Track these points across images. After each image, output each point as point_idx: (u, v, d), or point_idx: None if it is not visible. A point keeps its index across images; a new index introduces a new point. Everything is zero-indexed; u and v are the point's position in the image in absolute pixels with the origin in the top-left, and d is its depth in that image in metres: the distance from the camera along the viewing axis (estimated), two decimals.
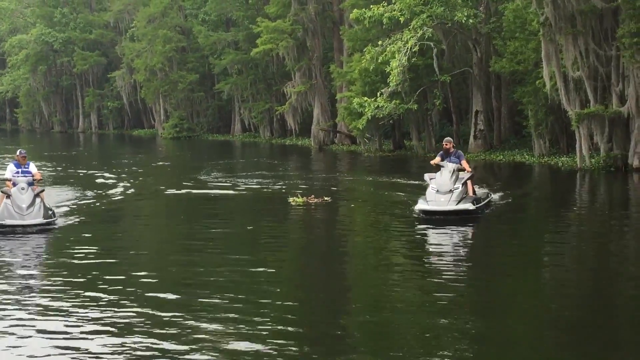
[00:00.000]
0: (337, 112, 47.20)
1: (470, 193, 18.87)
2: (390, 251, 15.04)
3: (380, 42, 36.07)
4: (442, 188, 18.34)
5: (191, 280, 12.25)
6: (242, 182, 27.26)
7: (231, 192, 24.57)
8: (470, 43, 37.59)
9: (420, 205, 18.26)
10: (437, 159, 19.52)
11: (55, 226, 17.84)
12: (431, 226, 17.27)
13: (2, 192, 18.23)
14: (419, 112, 37.62)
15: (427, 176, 19.63)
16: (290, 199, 20.80)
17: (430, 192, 18.48)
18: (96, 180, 28.65)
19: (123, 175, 30.53)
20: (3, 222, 17.34)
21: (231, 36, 58.38)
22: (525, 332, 9.56)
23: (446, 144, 19.64)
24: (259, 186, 26.03)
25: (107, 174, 30.94)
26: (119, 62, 73.78)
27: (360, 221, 19.33)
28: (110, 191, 25.02)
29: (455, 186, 18.41)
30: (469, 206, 17.99)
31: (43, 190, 18.71)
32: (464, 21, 34.02)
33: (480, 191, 20.13)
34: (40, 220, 17.44)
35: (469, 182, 18.93)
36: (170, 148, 53.32)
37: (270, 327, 9.61)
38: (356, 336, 9.62)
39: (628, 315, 10.29)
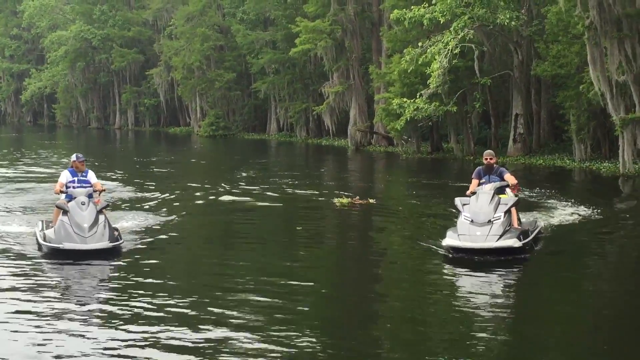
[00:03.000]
0: (374, 113, 47.14)
1: (515, 223, 14.74)
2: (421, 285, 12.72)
3: (420, 44, 35.90)
4: (478, 218, 14.27)
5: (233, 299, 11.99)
6: (283, 181, 27.22)
7: (273, 192, 24.37)
8: (511, 45, 37.28)
9: (449, 239, 14.14)
10: (474, 184, 15.34)
11: (122, 249, 14.61)
12: (465, 268, 13.40)
13: (57, 206, 14.92)
14: (458, 115, 37.39)
15: (458, 201, 15.03)
16: (335, 200, 20.73)
17: (462, 222, 14.37)
18: (145, 184, 26.92)
19: (172, 178, 30.06)
20: (60, 246, 13.98)
21: (269, 35, 58.54)
22: None
23: (488, 158, 15.59)
24: (301, 186, 25.95)
25: (153, 175, 30.64)
26: (156, 60, 74.30)
27: (399, 236, 17.18)
28: (164, 197, 22.65)
29: (495, 215, 14.26)
30: (514, 242, 13.84)
31: (108, 206, 15.54)
32: (505, 23, 33.71)
33: (527, 220, 16.28)
34: (105, 244, 14.09)
35: (513, 209, 14.82)
36: (208, 147, 53.50)
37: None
38: None
39: None
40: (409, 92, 37.16)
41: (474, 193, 14.91)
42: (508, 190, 15.25)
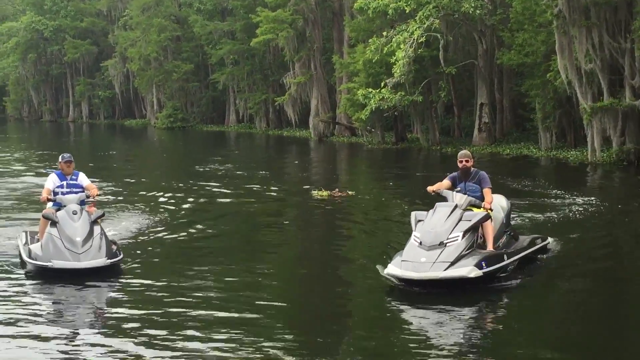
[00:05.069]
0: (337, 103, 46.86)
1: (490, 245, 11.37)
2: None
3: (385, 33, 35.69)
4: (429, 239, 11.03)
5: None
6: (255, 174, 26.65)
7: (248, 186, 23.57)
8: (475, 35, 37.25)
9: (391, 266, 10.92)
10: (444, 184, 12.17)
11: (122, 266, 12.33)
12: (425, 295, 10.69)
13: (43, 217, 12.46)
14: (423, 104, 37.22)
15: (413, 216, 11.82)
16: (315, 192, 20.44)
17: (411, 244, 11.18)
18: (116, 183, 24.44)
19: (142, 174, 28.42)
20: (49, 265, 11.69)
21: (227, 26, 57.80)
22: None
23: (463, 160, 12.12)
24: (274, 179, 25.41)
25: (119, 173, 29.16)
26: (110, 51, 73.07)
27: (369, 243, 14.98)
28: (146, 198, 20.47)
29: (452, 236, 11.02)
30: (469, 272, 10.54)
31: (103, 215, 12.94)
32: (470, 12, 33.68)
33: (528, 236, 12.97)
34: (102, 260, 11.77)
35: (486, 225, 11.46)
36: (168, 139, 52.58)
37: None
38: None
39: None
40: (373, 82, 36.91)
41: (436, 193, 12.15)
42: (486, 197, 11.94)
